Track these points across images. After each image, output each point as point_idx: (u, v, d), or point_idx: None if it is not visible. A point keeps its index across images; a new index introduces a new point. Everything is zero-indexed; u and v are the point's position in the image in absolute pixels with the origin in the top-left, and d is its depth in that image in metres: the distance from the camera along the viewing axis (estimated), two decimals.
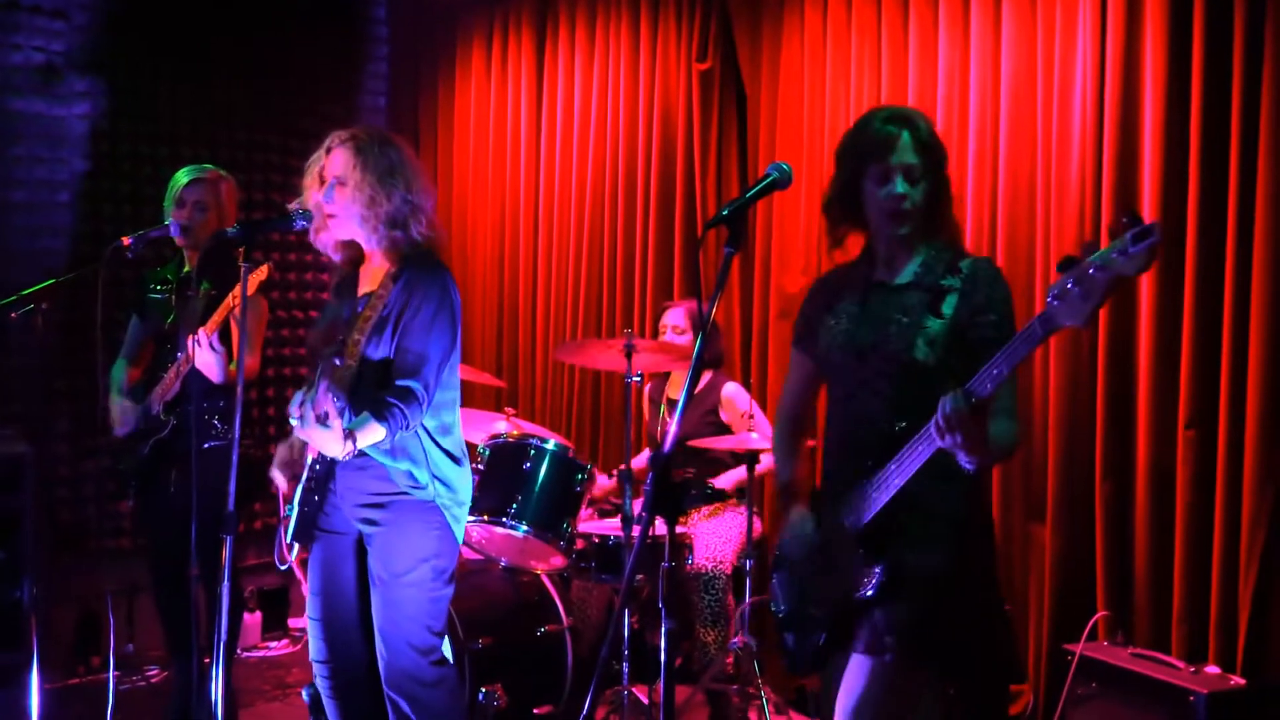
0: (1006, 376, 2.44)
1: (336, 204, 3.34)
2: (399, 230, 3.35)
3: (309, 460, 3.48)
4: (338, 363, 3.25)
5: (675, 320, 4.94)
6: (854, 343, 2.82)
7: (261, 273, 4.02)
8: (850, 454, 2.81)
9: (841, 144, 2.87)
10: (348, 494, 3.41)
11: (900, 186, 2.75)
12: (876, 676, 2.73)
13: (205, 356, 3.96)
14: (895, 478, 2.64)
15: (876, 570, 2.71)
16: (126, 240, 4.17)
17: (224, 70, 6.03)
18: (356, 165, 3.31)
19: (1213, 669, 3.78)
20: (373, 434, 3.19)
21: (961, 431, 2.43)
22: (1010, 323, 2.70)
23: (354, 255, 3.52)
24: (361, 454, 3.28)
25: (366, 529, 3.38)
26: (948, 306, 2.74)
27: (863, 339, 2.81)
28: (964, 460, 2.51)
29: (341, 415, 3.11)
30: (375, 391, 3.24)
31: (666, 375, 5.06)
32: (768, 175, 2.69)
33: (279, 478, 3.53)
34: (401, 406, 3.20)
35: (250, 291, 3.99)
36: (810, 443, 3.28)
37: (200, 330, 3.95)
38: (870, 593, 2.72)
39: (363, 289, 3.44)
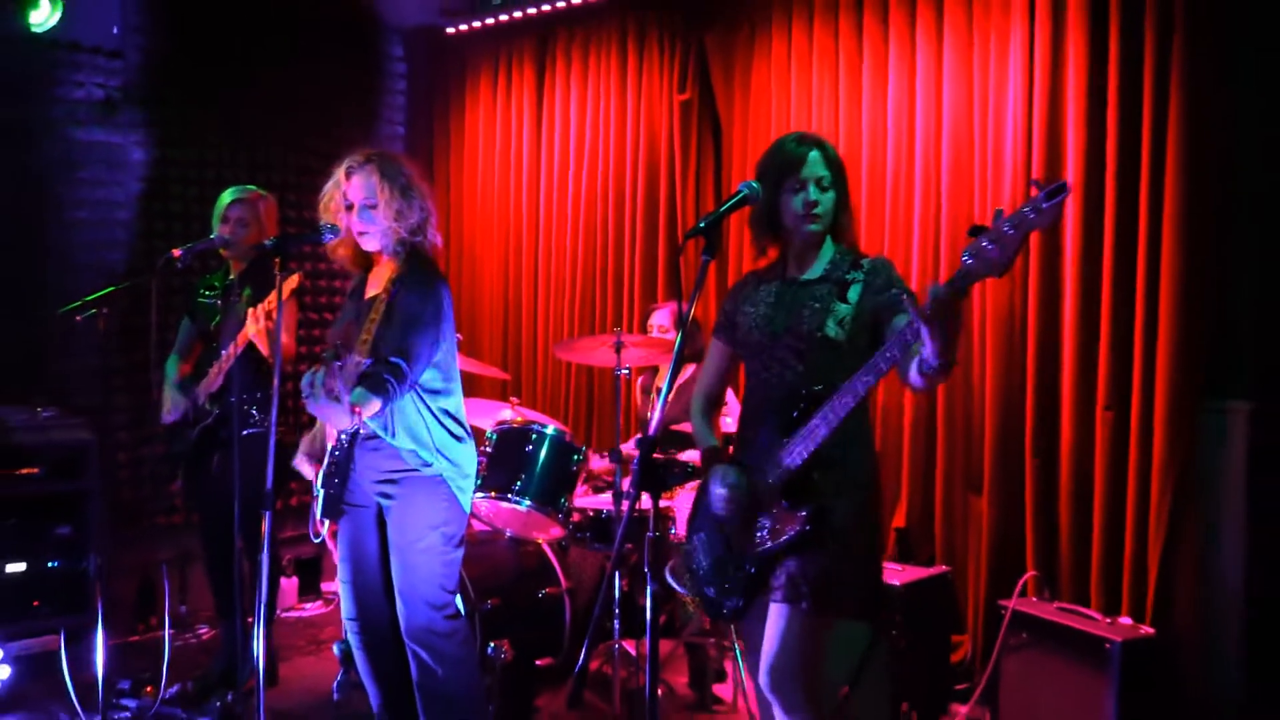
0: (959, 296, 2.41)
1: (369, 224, 3.36)
2: (419, 236, 3.39)
3: (330, 447, 3.49)
4: (355, 359, 3.27)
5: (661, 320, 4.94)
6: (770, 326, 2.92)
7: (293, 281, 4.02)
8: (770, 414, 2.87)
9: (760, 167, 2.94)
10: (366, 472, 3.43)
11: (814, 194, 2.87)
12: (795, 622, 2.78)
13: (255, 327, 3.93)
14: (821, 429, 2.71)
15: (801, 515, 2.76)
16: (177, 252, 4.17)
17: (261, 103, 6.02)
18: (383, 187, 3.33)
19: (1126, 620, 3.81)
20: (370, 404, 3.20)
21: (946, 319, 2.40)
22: (912, 295, 2.62)
23: (365, 263, 3.54)
24: (375, 436, 3.31)
25: (384, 502, 3.41)
26: (852, 294, 2.85)
27: (778, 323, 2.91)
28: (931, 356, 2.47)
29: (347, 392, 3.13)
30: (373, 368, 3.25)
31: (656, 369, 5.07)
32: (739, 192, 2.74)
33: (304, 466, 3.55)
34: (389, 377, 3.21)
35: (285, 296, 4.00)
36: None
37: (260, 305, 3.93)
38: (790, 538, 2.76)
39: (370, 292, 3.46)
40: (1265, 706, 4.06)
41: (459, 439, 3.42)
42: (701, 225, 2.59)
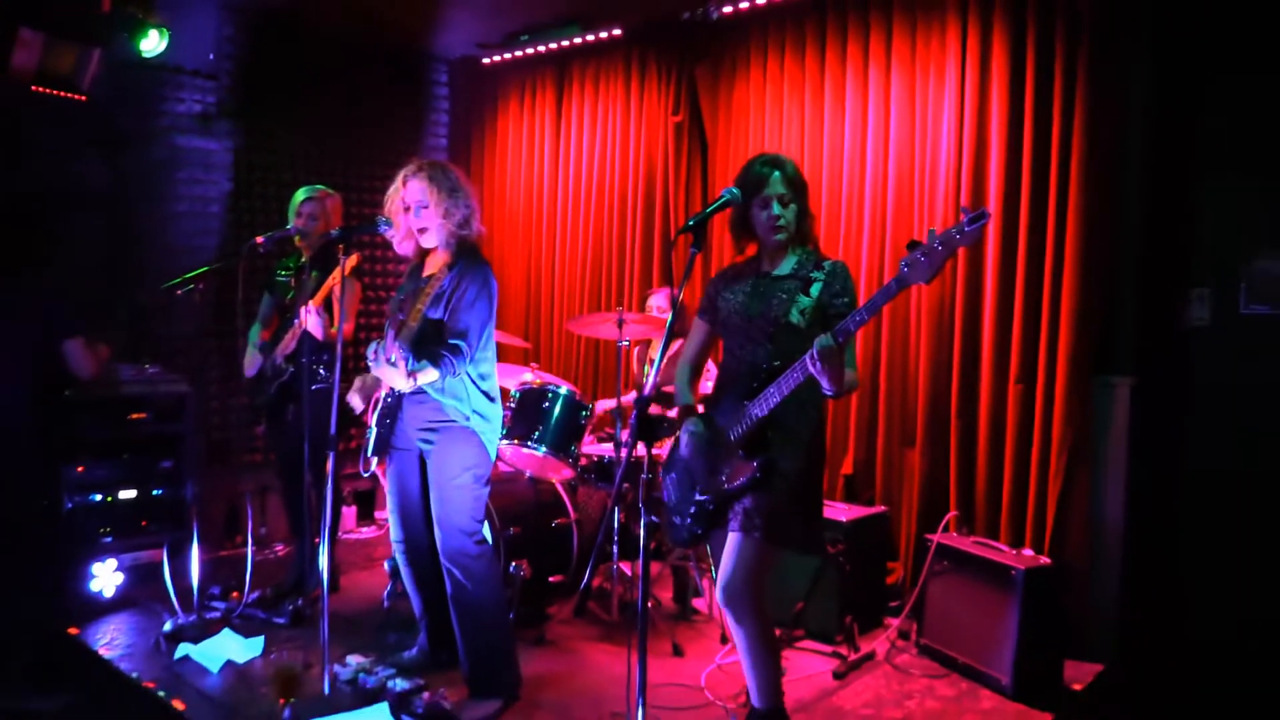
0: (861, 326, 2.59)
1: (424, 221, 3.35)
2: (465, 230, 3.37)
3: (382, 394, 3.50)
4: (405, 321, 3.27)
5: (659, 302, 4.94)
6: (746, 311, 2.93)
7: (352, 260, 4.02)
8: (739, 382, 2.90)
9: (736, 182, 2.92)
10: (411, 420, 3.44)
11: (776, 209, 2.89)
12: (747, 548, 2.82)
13: (312, 320, 3.97)
14: (774, 397, 2.75)
15: (754, 465, 2.80)
16: (259, 240, 4.15)
17: (329, 117, 5.99)
18: (433, 190, 3.32)
19: (1028, 552, 3.83)
20: (428, 375, 3.22)
21: (827, 363, 2.58)
22: (856, 304, 2.83)
23: (422, 250, 3.53)
24: (420, 391, 3.31)
25: (425, 446, 3.41)
26: (814, 290, 2.87)
27: (752, 309, 2.92)
28: (826, 387, 2.64)
29: (405, 360, 3.14)
30: (433, 345, 3.25)
31: (650, 341, 5.07)
32: (722, 197, 2.76)
33: (355, 399, 3.56)
34: (451, 357, 3.22)
35: (345, 273, 4.00)
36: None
37: (309, 302, 3.96)
38: (744, 481, 2.81)
39: (426, 272, 3.45)
40: (1137, 619, 4.10)
41: (491, 399, 3.43)
42: (690, 224, 2.62)
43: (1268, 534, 4.00)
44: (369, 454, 3.48)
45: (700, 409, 3.03)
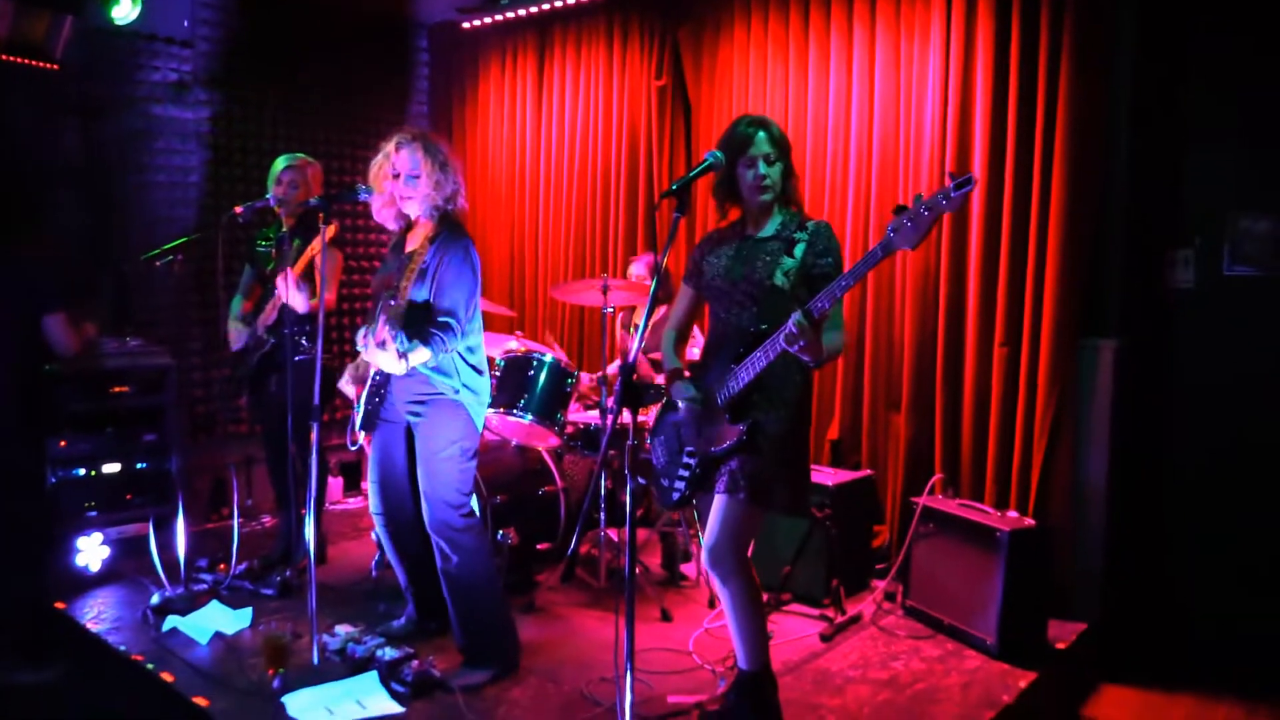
0: (846, 291, 2.58)
1: (412, 191, 3.31)
2: (450, 204, 3.34)
3: (372, 372, 3.48)
4: (392, 303, 3.25)
5: (638, 270, 4.90)
6: (730, 275, 2.91)
7: (331, 229, 3.98)
8: (726, 347, 2.89)
9: (720, 144, 2.89)
10: (400, 394, 3.42)
11: (762, 168, 2.86)
12: (733, 509, 2.83)
13: (293, 294, 3.93)
14: (760, 362, 2.75)
15: (740, 428, 2.81)
16: (238, 209, 4.13)
17: (309, 85, 5.92)
18: (426, 161, 3.29)
19: (1013, 514, 3.85)
20: (420, 355, 3.20)
21: (804, 339, 2.58)
22: (840, 265, 2.83)
23: (405, 222, 3.49)
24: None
25: (413, 419, 3.39)
26: (798, 251, 2.84)
27: (736, 273, 2.90)
28: (807, 360, 2.65)
29: (396, 341, 3.11)
30: (422, 324, 3.23)
31: (634, 308, 5.05)
32: (705, 160, 2.74)
33: (348, 388, 3.54)
34: (442, 335, 3.20)
35: (326, 240, 3.96)
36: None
37: (287, 270, 3.91)
38: (731, 444, 2.82)
39: (409, 248, 3.41)
40: (1119, 579, 4.15)
41: (479, 373, 3.41)
42: (674, 187, 2.60)
43: (1249, 494, 4.04)
44: (356, 429, 3.47)
45: (688, 374, 3.02)
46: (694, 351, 4.45)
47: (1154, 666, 4.03)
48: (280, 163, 4.30)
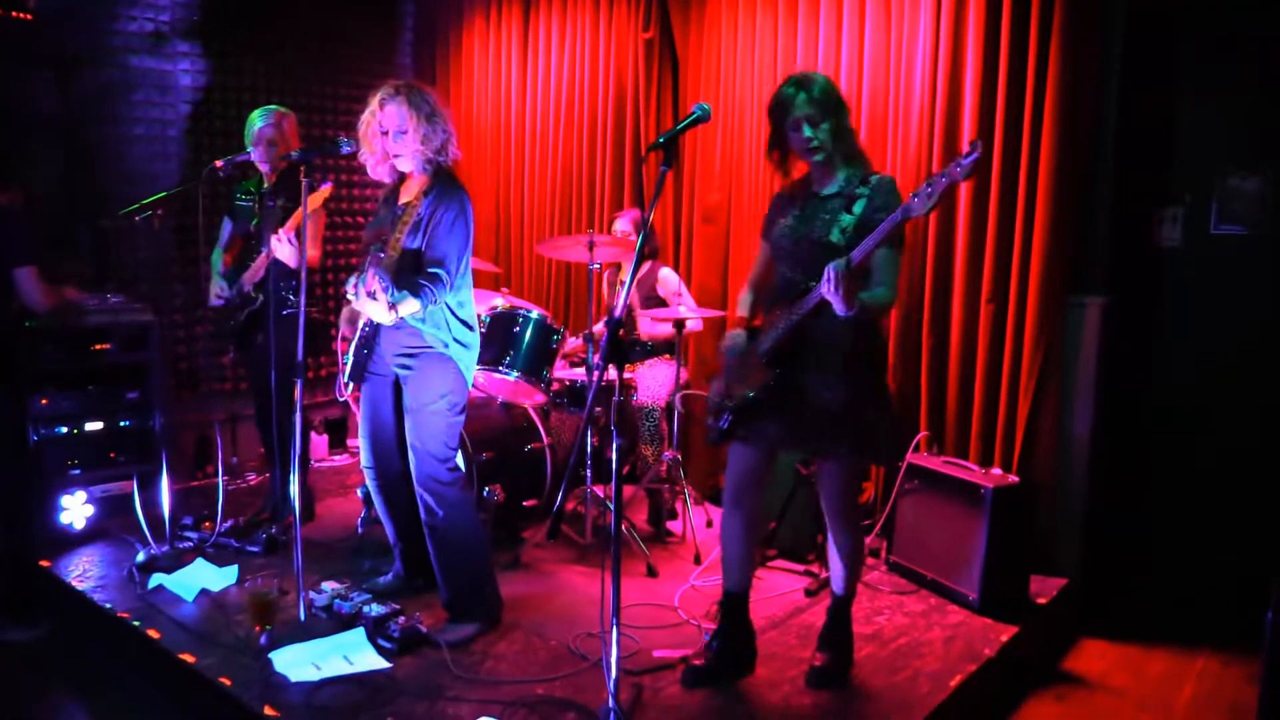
0: (869, 251, 2.62)
1: (401, 147, 3.26)
2: (443, 155, 3.29)
3: (361, 323, 3.46)
4: (383, 254, 3.22)
5: (623, 226, 4.86)
6: (794, 234, 2.91)
7: (325, 192, 3.93)
8: (781, 302, 2.93)
9: (769, 106, 2.89)
10: (389, 347, 3.40)
11: (807, 131, 2.83)
12: (834, 472, 3.02)
13: (284, 250, 3.89)
14: (796, 315, 2.81)
15: (768, 376, 2.89)
16: (219, 163, 4.09)
17: (292, 36, 5.82)
18: (411, 115, 3.22)
19: (997, 471, 3.87)
20: (409, 306, 3.16)
21: (840, 285, 2.58)
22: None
23: (398, 175, 3.45)
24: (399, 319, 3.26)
25: (401, 372, 3.37)
26: (858, 207, 2.83)
27: (800, 231, 2.89)
28: (839, 307, 2.63)
29: (386, 292, 3.09)
30: (411, 275, 3.20)
31: (620, 265, 5.03)
32: (693, 113, 2.69)
33: (346, 330, 3.54)
34: (430, 286, 3.17)
35: (316, 205, 3.92)
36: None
37: (281, 230, 3.87)
38: (758, 392, 2.90)
39: (402, 199, 3.37)
40: (1101, 535, 4.19)
41: (470, 328, 3.38)
42: (661, 141, 2.59)
43: (1232, 451, 4.07)
44: (345, 379, 3.46)
45: (755, 325, 3.07)
46: (681, 309, 4.42)
47: (1133, 621, 4.09)
48: (256, 117, 4.22)
